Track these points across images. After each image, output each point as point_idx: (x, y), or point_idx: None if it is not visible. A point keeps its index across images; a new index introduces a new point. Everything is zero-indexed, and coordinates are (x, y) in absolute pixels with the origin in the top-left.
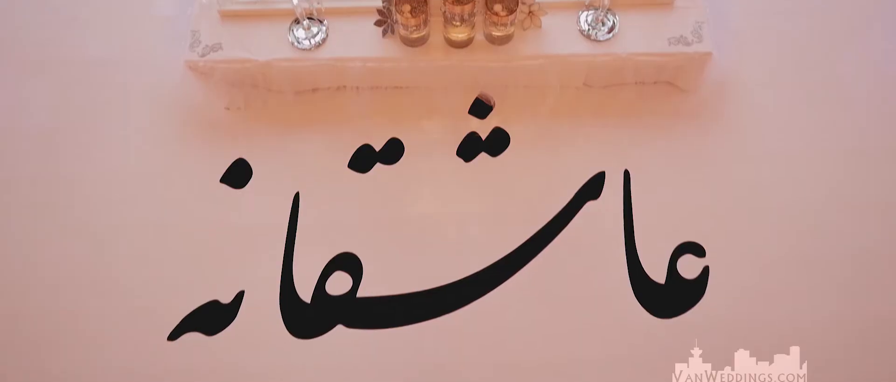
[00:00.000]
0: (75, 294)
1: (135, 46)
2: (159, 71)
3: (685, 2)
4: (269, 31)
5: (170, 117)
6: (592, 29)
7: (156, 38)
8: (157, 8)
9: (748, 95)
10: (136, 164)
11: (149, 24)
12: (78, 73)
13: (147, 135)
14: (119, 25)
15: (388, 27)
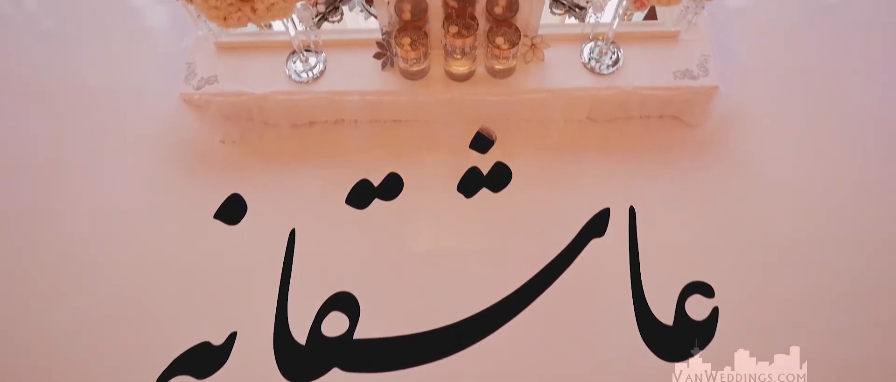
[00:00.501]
0: (61, 334)
1: (131, 78)
2: (154, 103)
3: (690, 35)
4: (265, 64)
5: (163, 151)
6: (596, 62)
7: (152, 69)
8: (155, 39)
9: (755, 129)
10: (128, 199)
11: (146, 55)
12: (73, 103)
13: (140, 169)
14: (117, 56)
15: (387, 60)
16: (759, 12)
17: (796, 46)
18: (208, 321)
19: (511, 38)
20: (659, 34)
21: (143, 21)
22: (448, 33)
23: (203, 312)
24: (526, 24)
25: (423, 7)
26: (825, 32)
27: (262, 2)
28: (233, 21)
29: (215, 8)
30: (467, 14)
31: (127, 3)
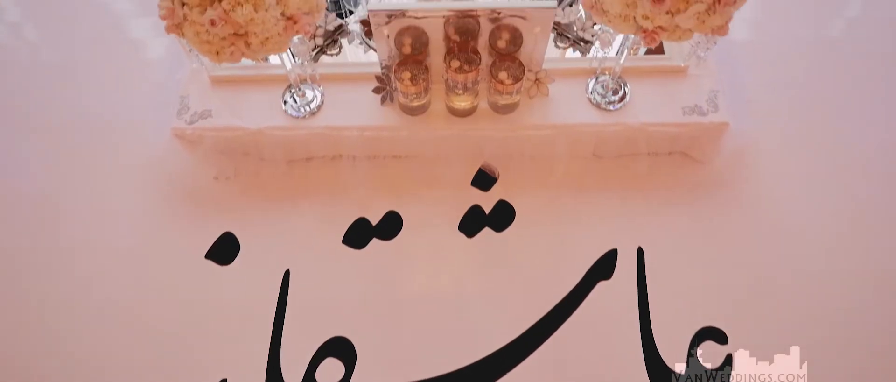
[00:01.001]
0: (43, 376)
1: (125, 111)
2: (147, 137)
3: (698, 69)
4: (261, 98)
5: (154, 187)
6: (602, 97)
7: (146, 102)
8: (151, 71)
9: (766, 166)
10: (116, 237)
11: (141, 87)
12: (66, 136)
13: (130, 206)
14: (112, 88)
15: (386, 94)
16: (767, 46)
17: (806, 80)
18: (197, 367)
19: (515, 73)
20: (666, 69)
21: (142, 53)
22: (450, 68)
23: (192, 357)
24: (530, 58)
25: (424, 41)
26: (836, 66)
27: (257, 36)
28: (226, 56)
29: (207, 43)
30: (470, 48)
31: (126, 34)
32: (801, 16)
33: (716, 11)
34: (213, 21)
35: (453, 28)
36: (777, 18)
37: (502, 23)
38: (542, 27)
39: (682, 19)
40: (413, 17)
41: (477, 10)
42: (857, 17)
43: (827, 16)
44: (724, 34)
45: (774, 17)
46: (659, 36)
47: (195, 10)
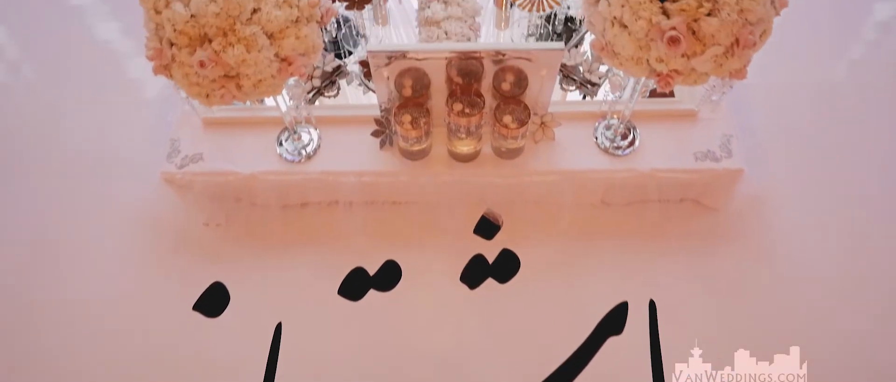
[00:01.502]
0: None
1: (115, 153)
2: (136, 181)
3: (710, 113)
4: (255, 141)
5: (142, 234)
6: (610, 142)
7: (137, 144)
8: (145, 112)
9: (782, 213)
10: (100, 287)
11: (133, 129)
12: (56, 178)
13: (115, 254)
14: (104, 129)
15: (386, 138)
16: (779, 89)
17: (821, 124)
18: None
19: (520, 117)
20: (677, 113)
21: (138, 93)
22: (452, 111)
23: None
24: (535, 101)
25: (426, 83)
26: (850, 108)
27: (249, 78)
28: (216, 99)
29: (197, 85)
30: (473, 91)
31: (124, 74)
32: (812, 57)
33: (734, 54)
34: (203, 62)
35: (456, 70)
36: (788, 60)
37: (507, 64)
38: (549, 69)
39: (698, 63)
40: (414, 58)
41: (480, 52)
42: (866, 58)
43: (838, 57)
44: (742, 78)
45: (785, 58)
46: (674, 80)
47: (184, 51)
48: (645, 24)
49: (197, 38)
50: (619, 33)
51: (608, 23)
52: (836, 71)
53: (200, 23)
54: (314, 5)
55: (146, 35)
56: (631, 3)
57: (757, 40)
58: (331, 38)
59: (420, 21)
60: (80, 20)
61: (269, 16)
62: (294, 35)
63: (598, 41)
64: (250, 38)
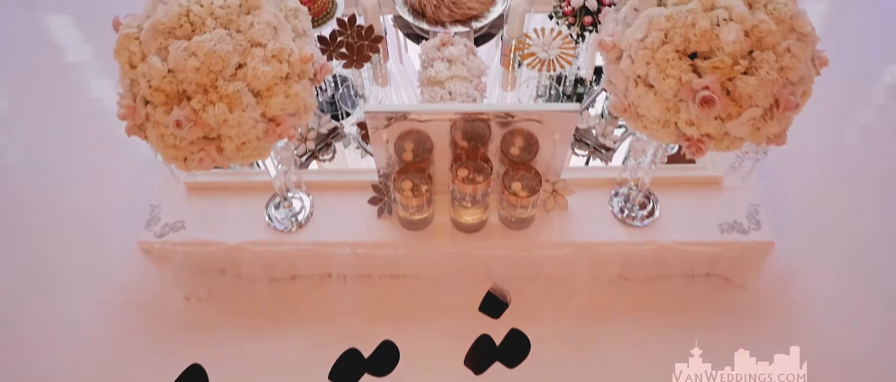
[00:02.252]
0: None
1: (96, 218)
2: (114, 250)
3: (735, 181)
4: (242, 208)
5: (116, 308)
6: (628, 212)
7: (118, 209)
8: (129, 174)
9: (815, 291)
10: (70, 365)
11: (115, 192)
12: (33, 243)
13: (87, 329)
14: (85, 192)
15: (384, 206)
16: (805, 154)
17: (851, 193)
18: None
19: (530, 184)
20: (699, 180)
21: (124, 154)
22: (456, 177)
23: None
24: (547, 167)
25: (428, 146)
26: (882, 176)
27: (231, 140)
28: (194, 163)
29: (173, 147)
30: (479, 155)
31: (112, 134)
32: (841, 120)
33: (773, 117)
34: (179, 122)
35: (461, 132)
36: (815, 122)
37: (516, 127)
38: (563, 133)
39: (734, 126)
40: (416, 119)
41: (487, 113)
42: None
43: (869, 121)
44: (781, 144)
45: (811, 120)
46: (705, 145)
47: (160, 110)
48: (674, 84)
49: (174, 95)
50: (644, 94)
51: (631, 82)
52: (866, 135)
53: (178, 78)
54: (306, 61)
55: (119, 92)
56: (657, 60)
57: (799, 102)
58: (328, 98)
59: (422, 81)
60: (75, 77)
61: (256, 71)
62: (283, 93)
63: (620, 102)
64: (234, 96)
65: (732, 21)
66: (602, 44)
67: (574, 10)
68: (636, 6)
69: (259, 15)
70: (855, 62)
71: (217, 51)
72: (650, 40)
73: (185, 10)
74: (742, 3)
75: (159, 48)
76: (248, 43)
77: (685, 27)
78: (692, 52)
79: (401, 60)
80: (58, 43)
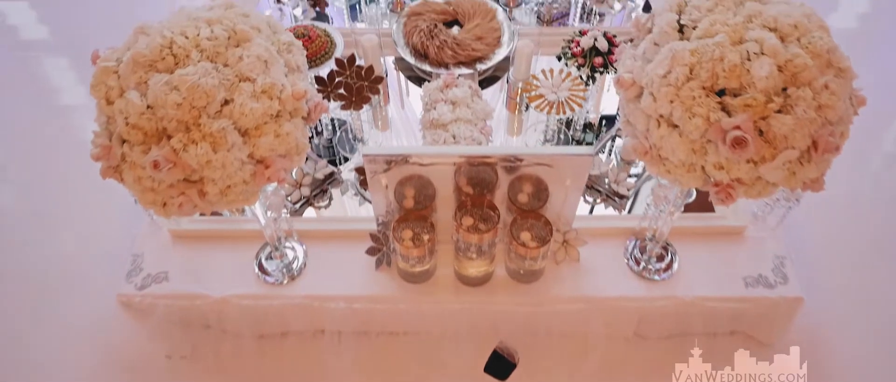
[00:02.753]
0: None
1: (76, 268)
2: (92, 302)
3: (758, 231)
4: (230, 259)
5: (94, 366)
6: (645, 264)
7: (99, 258)
8: (112, 221)
9: (847, 350)
10: None
11: (96, 239)
12: (10, 292)
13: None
14: (68, 239)
15: (383, 257)
16: (835, 202)
17: (881, 241)
18: None
19: (540, 234)
20: (720, 230)
21: (111, 199)
22: (461, 226)
23: None
24: (557, 215)
25: (430, 193)
26: None
27: (215, 183)
28: (174, 208)
29: (151, 190)
30: (485, 202)
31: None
32: (868, 162)
33: (811, 160)
34: (157, 163)
35: (465, 178)
36: (840, 166)
37: (524, 172)
38: (575, 178)
39: (768, 170)
40: (417, 163)
41: (494, 156)
42: None
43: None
44: (819, 190)
45: (836, 163)
46: (736, 191)
47: (137, 149)
48: (701, 123)
49: (154, 134)
50: (668, 134)
51: (653, 122)
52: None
53: (158, 115)
54: (299, 98)
55: (93, 131)
56: (682, 98)
57: (839, 143)
58: (325, 142)
59: (424, 124)
60: (68, 119)
61: (244, 108)
62: (273, 132)
63: (640, 145)
64: (218, 135)
65: (764, 55)
66: (620, 81)
67: (583, 50)
68: (656, 40)
69: (249, 48)
70: (885, 102)
71: (201, 85)
72: (674, 76)
73: (169, 41)
74: (774, 36)
75: (139, 82)
76: (235, 77)
77: (712, 62)
78: (720, 88)
79: (402, 104)
80: (53, 84)
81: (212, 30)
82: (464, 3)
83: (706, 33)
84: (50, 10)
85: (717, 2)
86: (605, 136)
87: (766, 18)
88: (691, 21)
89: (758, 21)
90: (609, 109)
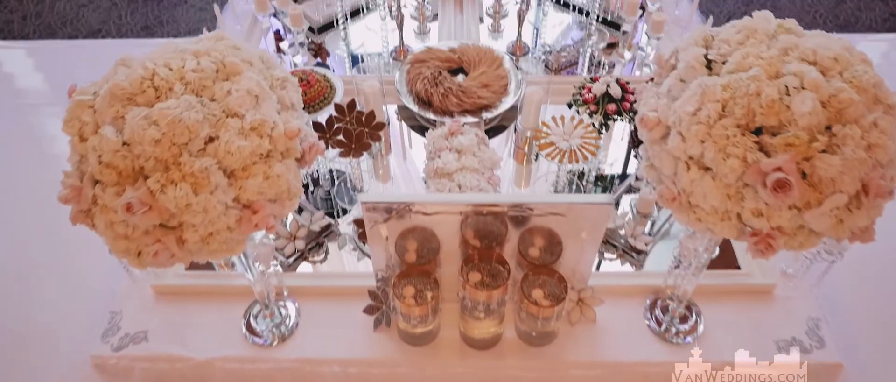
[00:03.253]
0: None
1: (47, 325)
2: (64, 363)
3: (789, 290)
4: (216, 317)
5: None
6: (667, 325)
7: (75, 315)
8: (89, 276)
9: None
10: None
11: (76, 296)
12: None
13: None
14: (41, 295)
15: (382, 316)
16: (869, 255)
17: None
18: None
19: (553, 292)
20: (747, 289)
21: (97, 251)
22: (468, 282)
23: None
24: (572, 272)
25: (434, 246)
26: None
27: (195, 230)
28: (149, 258)
29: (124, 237)
30: (494, 256)
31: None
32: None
33: (861, 206)
34: (130, 205)
35: (472, 230)
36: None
37: (535, 224)
38: (591, 231)
39: (813, 217)
40: (421, 212)
41: (503, 205)
42: None
43: None
44: (869, 240)
45: None
46: (776, 242)
47: (110, 191)
48: (738, 164)
49: (129, 173)
50: (699, 178)
51: (682, 165)
52: None
53: (134, 153)
54: (293, 136)
55: (64, 171)
56: (715, 137)
57: (892, 187)
58: (323, 194)
59: (428, 173)
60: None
61: (230, 146)
62: (262, 173)
63: (668, 190)
64: (200, 175)
65: (805, 89)
66: (644, 120)
67: (595, 97)
68: (682, 77)
69: (239, 82)
70: None
71: (183, 119)
72: (705, 113)
73: (150, 73)
74: (814, 69)
75: (115, 117)
76: (222, 113)
77: (748, 97)
78: (756, 127)
79: (404, 156)
80: (48, 132)
81: (198, 62)
82: (469, 50)
83: (739, 67)
84: (46, 57)
85: (748, 34)
86: (620, 187)
87: (803, 51)
88: (720, 55)
89: (794, 54)
90: (619, 161)
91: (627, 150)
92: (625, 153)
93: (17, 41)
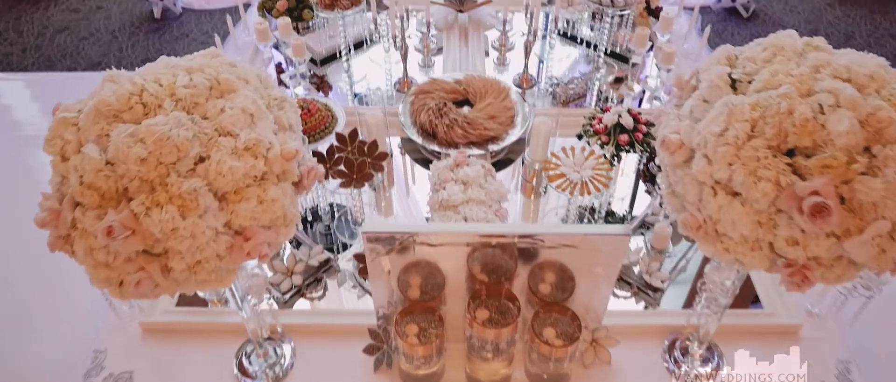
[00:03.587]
0: None
1: (29, 366)
2: None
3: (815, 330)
4: (206, 357)
5: None
6: (688, 368)
7: (59, 354)
8: (75, 313)
9: None
10: None
11: (57, 335)
12: None
13: None
14: (22, 335)
15: (383, 356)
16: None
17: None
18: None
19: (566, 330)
20: (771, 329)
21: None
22: (475, 320)
23: None
24: (586, 310)
25: (439, 281)
26: None
27: (181, 258)
28: (131, 288)
29: (105, 266)
30: (503, 292)
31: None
32: None
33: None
34: (111, 229)
35: (480, 264)
36: None
37: (546, 259)
38: (607, 265)
39: (854, 246)
40: (425, 243)
41: (512, 235)
42: None
43: None
44: None
45: None
46: (812, 274)
47: (90, 214)
48: (770, 188)
49: (112, 195)
50: (727, 204)
51: (708, 190)
52: None
53: (118, 173)
54: (290, 158)
55: (42, 193)
56: (744, 159)
57: None
58: (322, 229)
59: (432, 205)
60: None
61: (221, 167)
62: (256, 197)
63: (692, 218)
64: (188, 197)
65: (841, 108)
66: (666, 142)
67: (607, 127)
68: (706, 97)
69: (234, 99)
70: None
71: (172, 137)
72: (732, 134)
73: (139, 88)
74: (850, 86)
75: (100, 135)
76: (214, 131)
77: (779, 116)
78: (789, 148)
79: (407, 191)
80: (40, 162)
81: (191, 78)
82: (475, 81)
83: (767, 85)
84: (44, 88)
85: (775, 51)
86: (635, 220)
87: (836, 68)
88: (745, 74)
89: (826, 71)
90: (627, 197)
91: (634, 185)
92: (632, 189)
93: (16, 73)
